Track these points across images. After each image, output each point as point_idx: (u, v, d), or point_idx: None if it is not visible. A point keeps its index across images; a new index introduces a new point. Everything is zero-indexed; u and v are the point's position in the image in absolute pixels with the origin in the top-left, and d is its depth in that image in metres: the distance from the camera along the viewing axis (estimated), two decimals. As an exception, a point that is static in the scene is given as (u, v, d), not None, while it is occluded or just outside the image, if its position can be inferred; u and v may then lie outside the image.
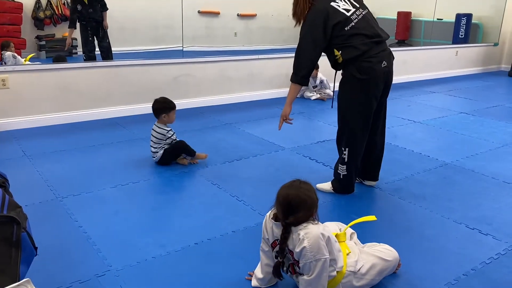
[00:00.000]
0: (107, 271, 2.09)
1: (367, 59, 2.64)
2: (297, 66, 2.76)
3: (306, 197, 1.76)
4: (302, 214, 1.74)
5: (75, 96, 4.52)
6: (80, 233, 2.41)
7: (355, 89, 2.70)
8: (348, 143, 2.82)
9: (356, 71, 2.65)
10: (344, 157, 2.85)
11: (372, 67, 2.65)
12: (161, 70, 5.00)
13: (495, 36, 8.74)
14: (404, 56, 7.32)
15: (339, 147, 2.89)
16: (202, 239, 2.38)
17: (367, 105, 2.74)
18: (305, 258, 1.72)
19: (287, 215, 1.75)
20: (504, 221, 2.67)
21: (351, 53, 2.64)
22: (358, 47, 2.62)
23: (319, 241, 1.72)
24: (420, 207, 2.84)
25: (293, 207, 1.74)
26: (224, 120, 4.74)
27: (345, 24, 2.63)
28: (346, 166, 2.86)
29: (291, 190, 1.78)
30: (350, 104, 2.75)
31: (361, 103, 2.73)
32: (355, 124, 2.77)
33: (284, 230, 1.76)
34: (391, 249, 2.07)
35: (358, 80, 2.66)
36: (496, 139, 4.28)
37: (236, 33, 9.61)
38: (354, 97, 2.73)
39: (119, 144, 3.90)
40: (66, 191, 2.91)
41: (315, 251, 1.71)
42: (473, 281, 2.09)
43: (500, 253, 2.33)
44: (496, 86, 7.17)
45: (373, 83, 2.69)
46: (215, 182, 3.13)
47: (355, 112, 2.75)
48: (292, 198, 1.75)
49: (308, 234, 1.72)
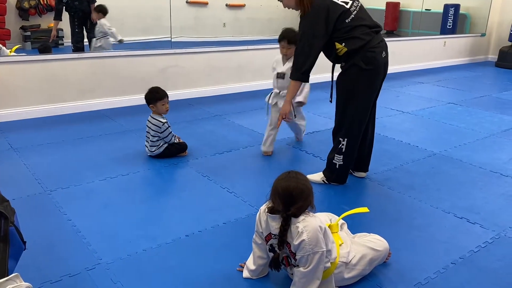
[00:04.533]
0: (97, 264, 2.07)
1: (371, 49, 2.64)
2: (297, 63, 2.74)
3: (304, 187, 1.78)
4: (302, 204, 1.76)
5: (62, 88, 4.46)
6: (69, 227, 2.39)
7: (358, 79, 2.69)
8: (347, 133, 2.81)
9: (360, 61, 2.63)
10: (342, 147, 2.84)
11: (375, 57, 2.65)
12: (149, 61, 4.95)
13: (482, 26, 8.80)
14: (392, 46, 7.28)
15: (336, 137, 2.89)
16: (193, 231, 2.37)
17: (369, 96, 2.76)
18: (304, 251, 1.73)
19: (288, 206, 1.75)
20: (492, 210, 2.71)
21: (355, 43, 2.62)
22: (361, 37, 2.62)
23: (317, 233, 1.73)
24: (409, 197, 2.86)
25: (294, 198, 1.75)
26: (213, 111, 4.72)
27: (346, 16, 2.62)
28: (343, 156, 2.86)
29: (290, 181, 1.78)
30: (352, 94, 2.73)
31: (364, 94, 2.73)
32: (356, 115, 2.77)
33: (284, 222, 1.76)
34: (381, 239, 2.09)
35: (362, 70, 2.65)
36: (483, 129, 4.33)
37: (224, 23, 9.54)
38: (357, 88, 2.71)
39: (108, 136, 3.86)
40: (54, 184, 2.88)
41: (313, 244, 1.72)
42: (461, 269, 2.12)
43: (488, 242, 2.36)
44: (483, 77, 7.23)
45: (375, 73, 2.70)
46: (205, 174, 3.12)
47: (356, 103, 2.74)
48: (292, 189, 1.75)
49: (307, 227, 1.73)
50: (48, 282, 1.94)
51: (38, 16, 7.53)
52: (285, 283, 1.96)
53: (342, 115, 2.82)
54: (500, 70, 7.81)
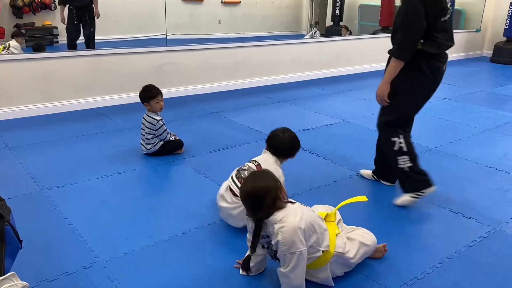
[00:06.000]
0: (94, 262, 2.07)
1: (441, 59, 2.50)
2: (407, 40, 2.41)
3: (262, 187, 1.73)
4: (267, 203, 1.72)
5: (57, 86, 4.44)
6: (65, 225, 2.39)
7: (420, 86, 2.53)
8: (400, 131, 2.62)
9: (428, 68, 2.47)
10: (402, 145, 2.58)
11: (440, 68, 2.52)
12: (144, 59, 4.93)
13: (477, 22, 8.82)
14: (388, 43, 7.33)
15: (387, 139, 2.64)
16: (190, 229, 2.38)
17: (422, 103, 2.64)
18: (280, 250, 1.74)
19: (253, 211, 1.75)
20: (487, 204, 2.72)
21: (434, 48, 2.44)
22: (440, 45, 2.45)
23: (293, 234, 1.70)
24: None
25: (256, 200, 1.72)
26: (209, 108, 4.71)
27: (443, 14, 2.41)
28: (409, 156, 2.59)
29: (247, 185, 1.77)
30: (410, 99, 2.58)
31: (418, 102, 2.61)
32: (406, 115, 2.66)
33: (256, 225, 1.75)
34: (370, 233, 2.11)
35: (427, 78, 2.50)
36: (478, 124, 4.34)
37: (220, 20, 9.52)
38: (417, 94, 2.57)
39: (104, 135, 3.85)
40: (50, 183, 2.87)
41: (288, 245, 1.71)
42: (457, 264, 2.14)
43: (483, 236, 2.38)
44: (479, 72, 7.25)
45: (434, 84, 2.57)
46: (202, 172, 3.12)
47: (409, 107, 2.63)
48: (251, 192, 1.74)
49: (283, 228, 1.71)
50: (45, 280, 1.94)
51: (32, 14, 7.50)
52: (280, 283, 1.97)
53: (393, 114, 2.62)
54: (495, 65, 7.83)
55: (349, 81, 6.25)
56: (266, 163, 2.30)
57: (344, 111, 4.70)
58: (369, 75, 6.61)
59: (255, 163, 2.35)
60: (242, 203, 2.12)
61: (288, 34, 9.92)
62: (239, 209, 2.25)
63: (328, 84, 6.01)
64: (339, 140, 3.84)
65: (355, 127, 4.20)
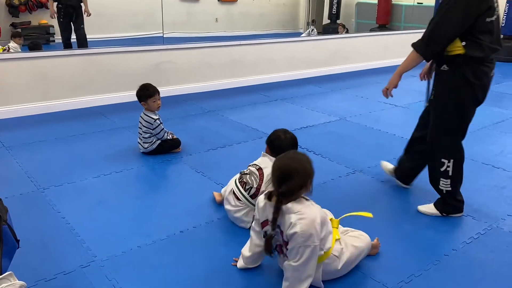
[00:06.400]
0: (92, 261, 2.07)
1: (486, 64, 2.29)
2: (432, 37, 2.26)
3: (298, 165, 1.75)
4: (294, 183, 1.72)
5: (54, 85, 4.43)
6: (63, 224, 2.39)
7: (467, 94, 2.32)
8: (452, 153, 2.47)
9: (471, 74, 2.27)
10: (448, 170, 2.47)
11: (487, 73, 2.30)
12: (141, 57, 4.92)
13: (474, 19, 8.83)
14: (385, 40, 7.36)
15: (437, 157, 2.50)
16: (188, 227, 2.38)
17: (472, 112, 2.42)
18: (295, 242, 1.73)
19: (280, 184, 1.74)
20: (484, 201, 2.73)
21: (475, 51, 2.23)
22: (484, 48, 2.23)
23: (312, 227, 1.71)
24: (402, 189, 2.88)
25: (284, 176, 1.73)
26: (206, 107, 4.71)
27: (490, 14, 2.20)
28: (451, 181, 2.49)
29: (283, 159, 1.80)
30: (460, 110, 2.37)
31: (468, 111, 2.39)
32: (459, 133, 2.45)
33: (276, 200, 1.75)
34: (364, 234, 2.11)
35: (471, 85, 2.29)
36: (475, 122, 4.28)
37: (217, 18, 9.51)
38: (466, 103, 2.36)
39: (100, 134, 3.84)
40: (47, 182, 2.87)
41: (306, 237, 1.71)
42: (454, 260, 2.14)
43: (480, 233, 2.39)
44: (475, 69, 7.27)
45: (482, 89, 2.34)
46: (199, 170, 3.12)
47: (462, 120, 2.40)
48: (283, 167, 1.75)
49: (302, 219, 1.71)
50: (43, 280, 1.94)
51: (28, 12, 7.47)
52: (278, 281, 1.98)
53: (439, 132, 2.46)
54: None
55: (346, 79, 6.25)
56: (267, 165, 2.27)
57: (341, 109, 4.71)
58: (366, 73, 6.62)
59: (256, 167, 2.35)
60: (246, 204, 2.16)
61: (285, 32, 9.92)
62: (241, 212, 2.30)
63: (325, 82, 6.01)
64: (336, 138, 3.84)
65: (352, 125, 4.20)
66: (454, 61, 2.29)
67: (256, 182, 2.29)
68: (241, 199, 2.32)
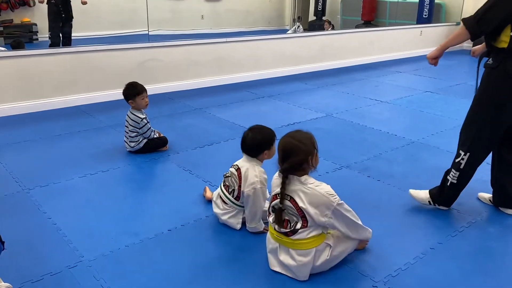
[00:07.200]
0: (79, 262, 2.06)
1: None
2: (484, 15, 2.16)
3: (298, 143, 1.87)
4: (296, 159, 1.85)
5: (38, 84, 4.37)
6: (49, 225, 2.36)
7: (505, 92, 2.21)
8: (471, 147, 2.37)
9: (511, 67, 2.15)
10: (461, 162, 2.41)
11: None
12: (126, 55, 4.88)
13: (457, 15, 8.94)
14: (370, 36, 7.40)
15: (458, 147, 2.47)
16: (176, 226, 2.37)
17: (507, 113, 2.27)
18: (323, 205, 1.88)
19: (283, 161, 1.87)
20: (468, 195, 2.77)
21: None
22: None
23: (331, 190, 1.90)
24: (388, 184, 2.91)
25: (286, 153, 1.87)
26: (193, 105, 4.69)
27: None
28: (459, 174, 2.43)
29: (286, 138, 1.92)
30: (490, 104, 2.28)
31: (502, 107, 2.25)
32: (485, 129, 2.32)
33: (283, 175, 1.88)
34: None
35: (508, 79, 2.18)
36: (459, 117, 4.40)
37: (202, 16, 9.47)
38: (498, 98, 2.25)
39: (86, 133, 3.80)
40: (32, 183, 2.83)
41: (332, 195, 1.89)
42: (440, 254, 2.18)
43: (465, 226, 2.43)
44: (459, 65, 7.36)
45: None
46: (187, 168, 3.11)
47: (490, 116, 2.28)
48: (284, 144, 1.89)
49: (320, 185, 1.90)
50: (29, 281, 1.92)
51: (10, 10, 7.34)
52: (265, 279, 1.99)
53: (470, 124, 2.39)
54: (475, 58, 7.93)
55: (332, 75, 6.28)
56: (245, 165, 2.28)
57: (327, 105, 4.73)
58: (352, 69, 6.65)
59: (235, 167, 2.33)
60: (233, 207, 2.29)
61: (271, 29, 9.92)
62: (229, 215, 2.34)
63: (312, 78, 6.03)
64: (324, 134, 3.86)
65: (339, 121, 4.23)
66: (497, 55, 2.22)
67: (236, 183, 2.28)
68: (228, 202, 2.32)
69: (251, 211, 2.23)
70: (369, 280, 1.97)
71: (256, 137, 2.28)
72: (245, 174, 2.24)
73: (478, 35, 2.22)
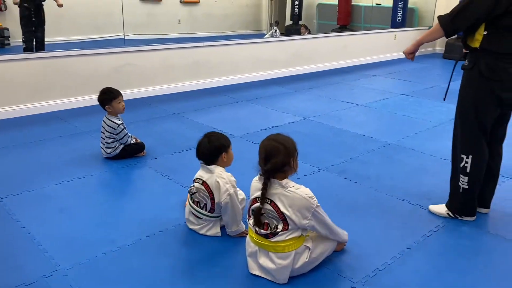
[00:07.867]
0: (55, 271, 2.02)
1: (505, 60, 2.19)
2: (460, 13, 2.21)
3: (280, 145, 1.90)
4: (278, 160, 1.87)
5: (11, 90, 4.27)
6: (23, 234, 2.31)
7: (481, 90, 2.27)
8: (470, 149, 2.40)
9: (485, 67, 2.22)
10: (466, 166, 2.41)
11: (506, 69, 2.20)
12: (102, 60, 4.82)
13: (429, 20, 9.15)
14: (345, 40, 7.51)
15: (456, 154, 2.49)
16: (154, 232, 2.35)
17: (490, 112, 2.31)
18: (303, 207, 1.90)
19: (265, 162, 1.89)
20: (443, 195, 2.82)
21: (492, 45, 2.19)
22: (503, 43, 2.17)
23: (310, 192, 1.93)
24: (365, 186, 2.96)
25: (268, 154, 1.89)
26: (171, 110, 4.67)
27: None
28: (469, 178, 2.43)
29: (267, 141, 1.95)
30: (472, 107, 2.32)
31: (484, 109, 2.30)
32: (474, 131, 2.37)
33: (265, 177, 1.90)
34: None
35: (484, 80, 2.24)
36: (433, 119, 4.52)
37: (179, 20, 9.43)
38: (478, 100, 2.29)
39: (61, 139, 3.74)
40: (5, 191, 2.77)
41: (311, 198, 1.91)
42: (416, 253, 2.22)
43: (439, 225, 2.48)
44: (432, 68, 7.53)
45: (502, 87, 2.23)
46: (164, 174, 3.09)
47: (475, 118, 2.33)
48: (267, 146, 1.91)
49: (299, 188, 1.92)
50: (3, 292, 1.87)
51: (-19, 15, 7.16)
52: (245, 283, 1.99)
53: (460, 127, 2.43)
54: (447, 61, 8.15)
55: (309, 79, 6.34)
56: (209, 176, 2.27)
57: (305, 109, 4.77)
58: (328, 73, 6.73)
59: (200, 182, 2.30)
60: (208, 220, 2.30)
61: (248, 34, 9.95)
62: (207, 227, 2.33)
63: (289, 82, 6.08)
64: (301, 137, 3.89)
65: (316, 125, 4.27)
66: (472, 55, 2.29)
67: (207, 197, 2.27)
68: (202, 217, 2.31)
69: (231, 216, 2.23)
70: (347, 281, 2.00)
71: (213, 141, 2.29)
72: (215, 185, 2.22)
73: (452, 33, 2.29)
